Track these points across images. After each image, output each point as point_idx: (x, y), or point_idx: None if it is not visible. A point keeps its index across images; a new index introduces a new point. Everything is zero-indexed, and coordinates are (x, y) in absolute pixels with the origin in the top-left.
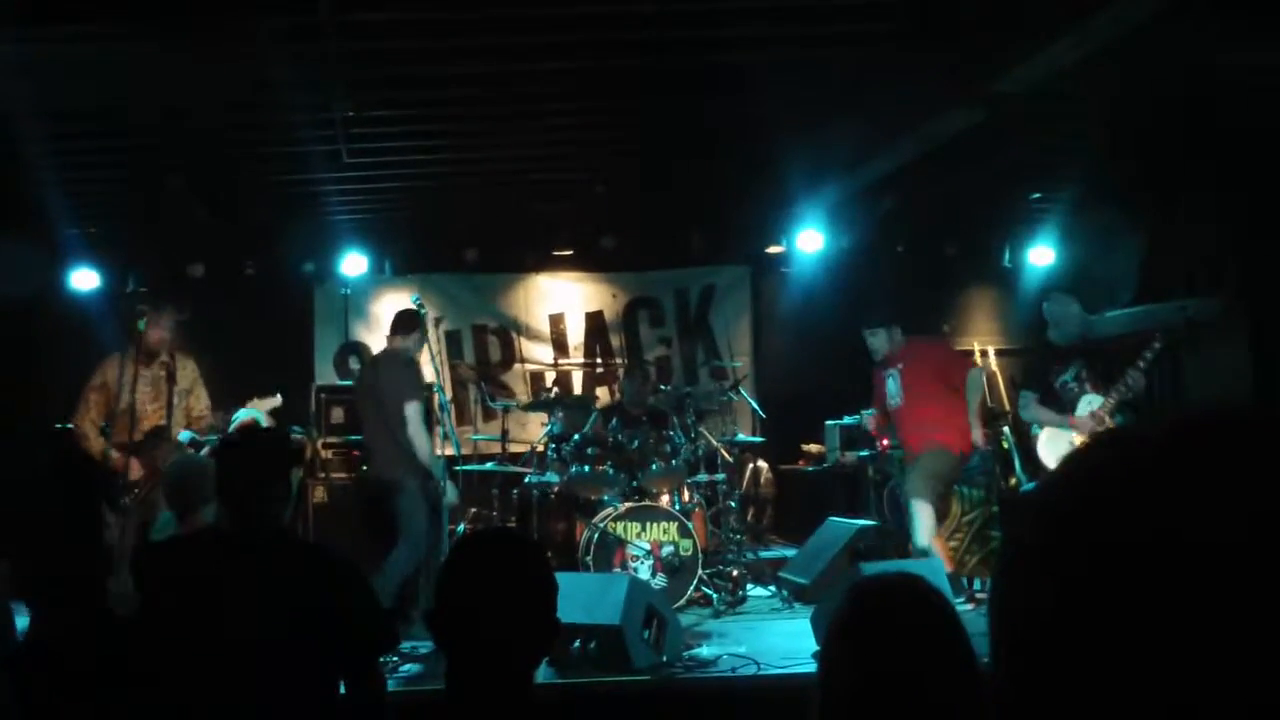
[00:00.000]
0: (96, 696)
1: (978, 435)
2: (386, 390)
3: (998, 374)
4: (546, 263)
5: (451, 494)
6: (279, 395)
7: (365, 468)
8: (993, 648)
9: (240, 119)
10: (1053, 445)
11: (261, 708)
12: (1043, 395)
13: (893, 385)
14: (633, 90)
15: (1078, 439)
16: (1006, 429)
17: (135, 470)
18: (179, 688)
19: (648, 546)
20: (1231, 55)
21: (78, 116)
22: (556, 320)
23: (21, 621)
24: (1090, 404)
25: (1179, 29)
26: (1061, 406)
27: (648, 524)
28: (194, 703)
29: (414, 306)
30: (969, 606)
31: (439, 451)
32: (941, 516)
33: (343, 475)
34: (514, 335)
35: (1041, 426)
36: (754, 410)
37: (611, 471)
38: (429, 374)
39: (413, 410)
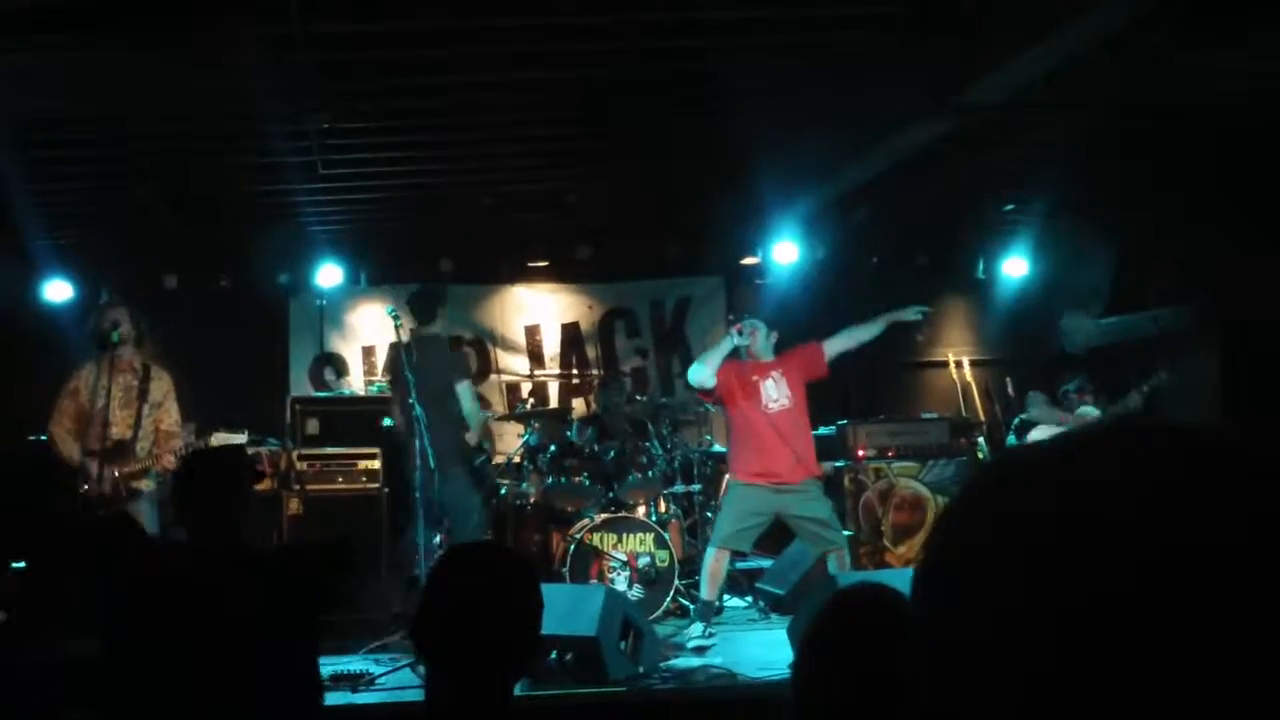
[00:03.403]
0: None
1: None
2: (434, 372)
3: (972, 384)
4: (522, 274)
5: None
6: (245, 433)
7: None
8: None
9: (215, 129)
10: None
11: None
12: (1048, 400)
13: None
14: (607, 101)
15: None
16: (981, 439)
17: (108, 481)
18: (155, 700)
19: (624, 558)
20: (1207, 62)
21: (50, 124)
22: (532, 331)
23: None
24: (1085, 415)
25: (1152, 39)
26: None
27: (624, 535)
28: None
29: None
30: None
31: (416, 462)
32: (916, 527)
33: (317, 487)
34: (490, 346)
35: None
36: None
37: (588, 483)
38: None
39: (464, 388)
